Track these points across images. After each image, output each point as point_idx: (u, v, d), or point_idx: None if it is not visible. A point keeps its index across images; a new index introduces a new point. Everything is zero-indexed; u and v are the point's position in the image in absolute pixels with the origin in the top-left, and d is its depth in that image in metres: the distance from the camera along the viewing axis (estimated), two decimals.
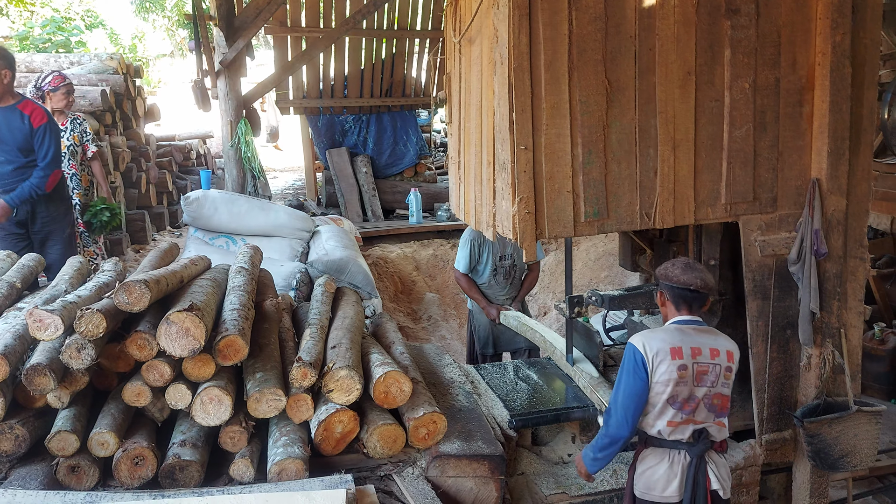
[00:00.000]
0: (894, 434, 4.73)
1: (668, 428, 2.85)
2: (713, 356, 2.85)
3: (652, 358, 2.83)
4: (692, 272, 2.92)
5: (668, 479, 2.86)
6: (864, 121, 3.44)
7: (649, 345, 2.86)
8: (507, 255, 5.01)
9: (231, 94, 7.34)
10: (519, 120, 3.05)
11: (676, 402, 2.83)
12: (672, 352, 2.81)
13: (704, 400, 2.85)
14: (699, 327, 2.94)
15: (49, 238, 5.14)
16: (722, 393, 2.87)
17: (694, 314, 2.96)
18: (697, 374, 2.83)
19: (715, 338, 2.92)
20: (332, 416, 3.10)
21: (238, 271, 3.81)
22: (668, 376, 2.81)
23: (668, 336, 2.88)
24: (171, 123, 12.63)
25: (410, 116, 9.95)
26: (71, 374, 3.01)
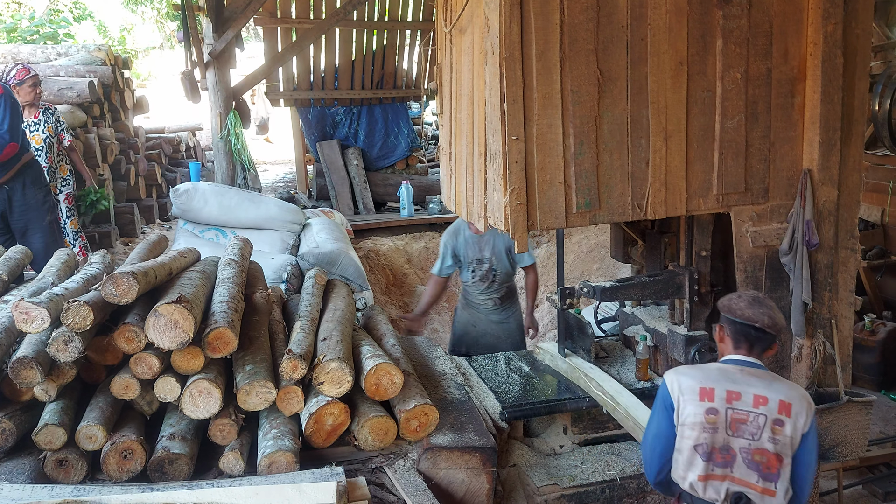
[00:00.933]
0: (884, 424, 4.76)
1: (700, 483, 2.47)
2: (757, 404, 2.44)
3: (678, 396, 2.51)
4: (760, 307, 2.56)
5: None
6: (855, 112, 3.44)
7: (679, 381, 2.54)
8: (485, 259, 4.83)
9: (220, 86, 7.28)
10: (510, 110, 3.03)
11: (705, 451, 2.46)
12: (701, 392, 2.47)
13: (742, 454, 2.44)
14: (752, 370, 2.54)
15: (29, 227, 5.09)
16: (767, 450, 2.42)
17: (753, 356, 2.58)
18: (732, 421, 2.44)
19: (769, 383, 2.49)
20: (323, 409, 3.08)
21: (227, 263, 3.78)
22: (694, 419, 2.46)
23: (702, 374, 2.54)
24: (160, 116, 12.53)
25: (402, 108, 9.90)
26: (58, 366, 2.98)
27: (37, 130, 5.93)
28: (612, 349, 4.37)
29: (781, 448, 2.43)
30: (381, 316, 4.30)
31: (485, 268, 4.83)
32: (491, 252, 4.80)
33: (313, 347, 3.31)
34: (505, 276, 4.92)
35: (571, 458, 3.69)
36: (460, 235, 4.89)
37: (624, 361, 4.19)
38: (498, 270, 4.85)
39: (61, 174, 6.29)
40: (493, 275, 4.85)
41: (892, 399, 5.27)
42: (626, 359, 4.22)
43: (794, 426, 2.44)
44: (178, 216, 6.04)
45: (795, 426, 2.44)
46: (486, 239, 4.77)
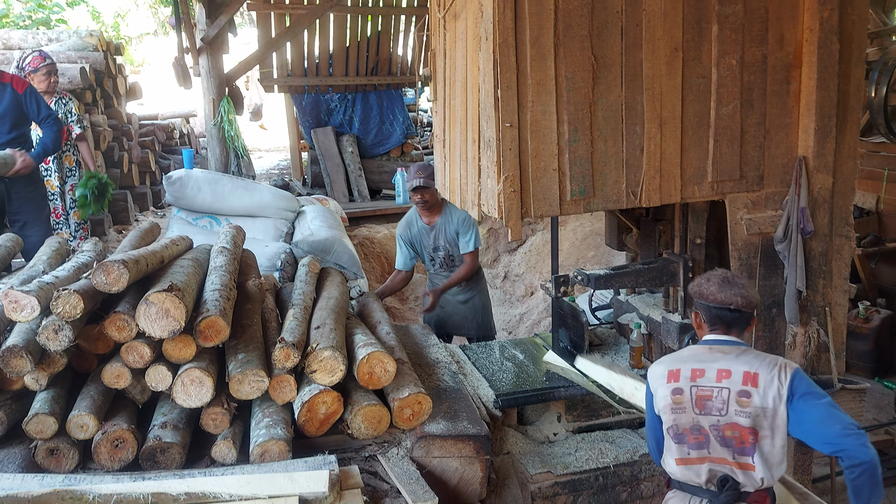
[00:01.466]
0: (878, 411, 4.78)
1: (678, 468, 2.45)
2: (720, 378, 2.38)
3: (653, 385, 2.52)
4: (731, 288, 2.47)
5: None
6: (851, 98, 3.42)
7: (653, 370, 2.54)
8: (440, 247, 4.87)
9: (213, 72, 7.23)
10: (504, 97, 3.01)
11: (678, 432, 2.43)
12: (668, 374, 2.46)
13: (713, 431, 2.38)
14: (722, 346, 2.48)
15: (29, 221, 5.06)
16: (738, 423, 2.35)
17: (732, 335, 2.51)
18: (697, 399, 2.40)
19: (735, 357, 2.42)
20: (316, 397, 3.07)
21: (220, 251, 3.76)
22: (664, 402, 2.46)
23: (672, 359, 2.53)
24: (154, 102, 12.44)
25: (397, 95, 9.85)
26: (48, 355, 2.96)
27: None
28: (606, 337, 4.37)
29: (754, 420, 2.34)
30: (376, 303, 4.29)
31: (441, 255, 4.90)
32: (444, 240, 4.84)
33: (306, 336, 3.29)
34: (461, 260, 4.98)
35: (565, 446, 3.69)
36: (413, 227, 4.94)
37: (618, 349, 4.19)
38: (455, 255, 4.90)
39: (67, 164, 6.25)
40: (451, 260, 4.91)
41: (885, 386, 5.29)
42: (621, 346, 4.22)
43: (765, 395, 2.34)
44: (171, 204, 6.01)
45: (766, 395, 2.34)
46: (437, 227, 4.83)
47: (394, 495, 2.86)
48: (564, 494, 3.46)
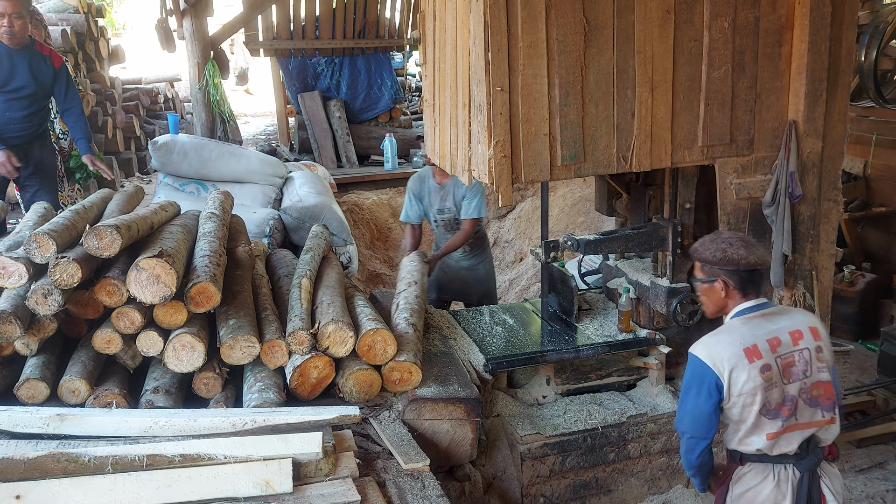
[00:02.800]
0: (860, 373, 4.87)
1: (769, 442, 2.34)
2: (796, 341, 2.32)
3: (727, 370, 2.32)
4: (756, 248, 2.41)
5: (776, 501, 2.36)
6: (842, 62, 3.42)
7: (719, 356, 2.33)
8: (446, 209, 4.84)
9: (197, 35, 7.10)
10: (495, 60, 2.98)
11: (769, 409, 2.31)
12: (747, 353, 2.30)
13: (802, 396, 2.33)
14: (770, 309, 2.42)
15: (41, 188, 5.05)
16: (821, 380, 2.33)
17: (760, 296, 2.44)
18: (784, 368, 2.31)
19: (790, 316, 2.41)
20: (308, 362, 3.09)
21: (208, 217, 3.74)
22: (753, 384, 2.29)
23: (735, 337, 2.35)
24: (137, 66, 12.22)
25: (385, 59, 9.71)
26: (38, 320, 2.96)
27: None
28: (596, 302, 4.40)
29: (830, 372, 2.36)
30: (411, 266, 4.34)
31: (446, 217, 4.89)
32: (452, 202, 4.82)
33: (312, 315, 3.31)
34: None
35: (554, 408, 3.75)
36: (424, 184, 4.93)
37: (607, 314, 4.22)
38: (459, 219, 4.87)
39: (60, 127, 6.15)
40: (455, 223, 4.88)
41: (868, 348, 5.38)
42: (610, 311, 4.25)
43: (828, 346, 2.38)
44: (157, 169, 5.94)
45: (828, 347, 2.38)
46: (447, 188, 4.80)
47: (386, 457, 2.90)
48: (553, 455, 3.52)
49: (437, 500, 2.64)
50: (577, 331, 4.01)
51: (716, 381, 2.32)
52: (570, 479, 3.61)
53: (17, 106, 4.77)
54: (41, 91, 4.89)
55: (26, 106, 4.83)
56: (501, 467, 3.58)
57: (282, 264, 4.08)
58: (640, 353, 3.95)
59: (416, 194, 4.95)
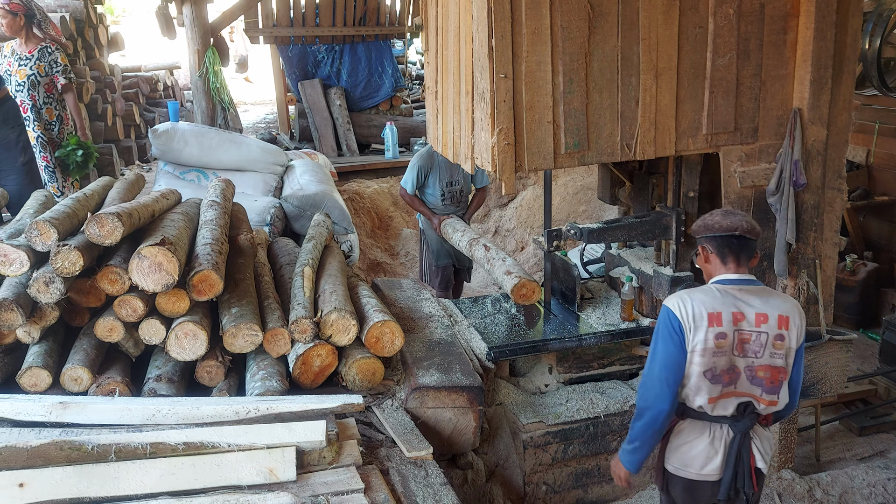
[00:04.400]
0: (861, 362, 4.87)
1: (709, 404, 2.49)
2: (759, 323, 2.45)
3: (689, 323, 2.45)
4: (734, 216, 2.53)
5: (708, 456, 2.52)
6: (847, 49, 3.39)
7: (686, 306, 2.47)
8: (455, 181, 5.11)
9: (197, 22, 7.06)
10: (498, 47, 2.95)
11: (714, 374, 2.46)
12: (710, 317, 2.43)
13: (746, 372, 2.48)
14: (749, 287, 2.51)
15: (2, 169, 4.95)
16: (770, 365, 2.46)
17: (742, 269, 2.53)
18: (739, 342, 2.45)
19: (766, 300, 2.49)
20: (311, 350, 3.09)
21: (210, 205, 3.72)
22: (704, 345, 2.43)
23: (707, 298, 2.48)
24: (136, 54, 12.15)
25: (385, 47, 9.66)
26: (40, 308, 2.95)
27: (24, 66, 5.69)
28: (598, 291, 4.39)
29: (784, 361, 2.48)
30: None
31: (456, 189, 5.15)
32: (460, 174, 5.09)
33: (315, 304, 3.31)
34: (468, 197, 5.36)
35: (556, 397, 3.75)
36: (435, 158, 5.07)
37: (609, 302, 4.22)
38: (465, 191, 5.23)
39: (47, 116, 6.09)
40: (462, 196, 5.20)
41: (869, 337, 5.38)
42: (612, 300, 4.25)
43: (791, 337, 2.48)
44: (157, 157, 5.92)
45: (792, 337, 2.48)
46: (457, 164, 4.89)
47: (389, 445, 2.90)
48: (556, 443, 3.52)
49: (440, 488, 2.65)
50: (579, 320, 4.00)
51: (680, 327, 2.46)
52: (572, 467, 3.61)
53: None
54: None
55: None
56: (504, 455, 3.58)
57: (283, 253, 4.07)
58: (642, 342, 3.95)
59: (425, 170, 5.09)
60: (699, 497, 2.59)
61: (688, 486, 2.58)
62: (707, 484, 2.55)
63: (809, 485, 3.65)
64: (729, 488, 2.51)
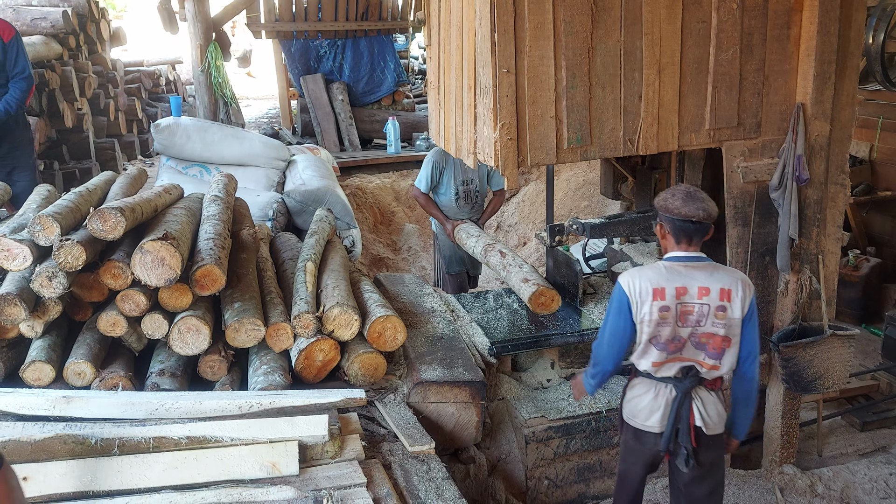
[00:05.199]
0: (864, 357, 4.87)
1: (653, 367, 2.78)
2: (701, 296, 2.69)
3: (636, 299, 2.73)
4: (694, 203, 2.72)
5: (651, 410, 2.81)
6: (851, 44, 3.38)
7: (634, 284, 2.74)
8: (469, 181, 5.00)
9: (199, 16, 7.05)
10: (501, 41, 2.94)
11: (659, 342, 2.73)
12: (654, 292, 2.70)
13: (691, 339, 2.73)
14: (695, 263, 2.75)
15: (16, 167, 4.98)
16: (714, 332, 2.71)
17: (693, 248, 2.77)
18: (681, 314, 2.70)
19: (710, 274, 2.73)
20: (313, 345, 3.09)
21: (212, 200, 3.73)
22: (650, 317, 2.71)
23: (654, 275, 2.74)
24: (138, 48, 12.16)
25: (388, 41, 9.64)
26: (43, 303, 2.95)
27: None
28: (600, 286, 4.39)
29: (727, 330, 2.71)
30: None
31: (471, 188, 5.02)
32: (475, 173, 4.97)
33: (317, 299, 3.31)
34: (483, 197, 5.18)
35: (558, 392, 3.75)
36: (450, 156, 4.88)
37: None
38: (480, 192, 5.07)
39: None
40: (476, 196, 5.06)
41: (872, 333, 5.38)
42: None
43: (734, 308, 2.70)
44: (160, 152, 5.93)
45: (735, 308, 2.70)
46: None
47: (391, 440, 2.91)
48: (558, 438, 3.53)
49: (442, 482, 2.65)
50: (581, 314, 4.00)
51: (628, 303, 2.75)
52: (574, 461, 3.62)
53: None
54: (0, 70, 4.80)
55: None
56: (506, 450, 3.59)
57: (286, 248, 4.08)
58: None
59: (440, 168, 4.98)
60: (644, 444, 2.87)
61: (635, 434, 2.89)
62: (650, 435, 2.83)
63: (811, 480, 3.65)
64: (668, 441, 2.78)
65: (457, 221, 4.99)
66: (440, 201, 5.09)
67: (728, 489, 3.58)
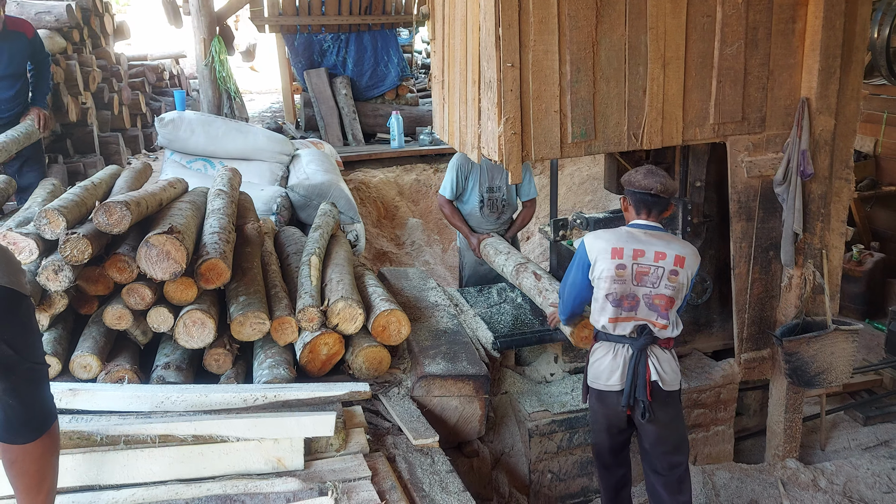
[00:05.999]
0: (867, 352, 4.87)
1: (610, 324, 2.97)
2: (657, 259, 2.92)
3: (595, 256, 2.97)
4: (653, 177, 2.95)
5: (612, 369, 3.00)
6: (856, 38, 3.37)
7: (594, 243, 2.99)
8: (496, 188, 4.60)
9: (203, 10, 7.04)
10: (505, 36, 2.95)
11: (615, 298, 2.94)
12: (613, 251, 2.93)
13: (644, 299, 2.95)
14: (654, 232, 2.99)
15: (27, 162, 5.00)
16: (665, 294, 2.94)
17: (652, 219, 3.01)
18: (637, 274, 2.93)
19: (667, 242, 2.96)
20: (318, 339, 3.10)
21: (217, 194, 3.73)
22: (607, 273, 2.93)
23: (614, 237, 2.98)
24: (142, 42, 12.15)
25: (391, 35, 9.62)
26: (49, 296, 2.97)
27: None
28: None
29: (675, 292, 2.95)
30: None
31: (496, 196, 4.63)
32: (503, 180, 4.59)
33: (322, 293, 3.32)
34: (511, 208, 4.77)
35: (562, 386, 3.76)
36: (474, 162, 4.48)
37: None
38: (507, 201, 4.68)
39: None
40: (502, 204, 4.67)
41: (875, 327, 5.38)
42: None
43: (686, 275, 2.95)
44: (164, 146, 5.93)
45: (685, 274, 2.95)
46: (500, 167, 4.56)
47: (395, 433, 2.92)
48: (561, 432, 3.54)
49: (446, 475, 2.67)
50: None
51: (586, 259, 3.01)
52: (577, 455, 3.63)
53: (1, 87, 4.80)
54: (21, 69, 4.91)
55: (9, 86, 4.85)
56: (509, 444, 3.60)
57: (290, 242, 4.09)
58: None
59: (464, 173, 4.60)
60: (607, 405, 3.06)
61: (599, 395, 3.09)
62: (612, 394, 3.03)
63: (814, 474, 3.66)
64: (628, 397, 2.98)
65: (483, 235, 4.56)
66: (463, 209, 4.68)
67: (731, 483, 3.59)
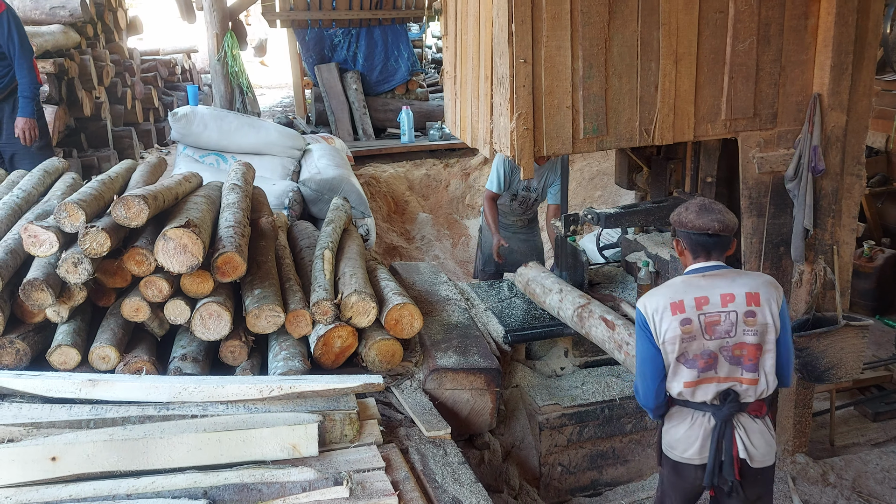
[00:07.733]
0: (877, 348, 4.87)
1: (687, 389, 2.55)
2: (725, 303, 2.51)
3: (652, 316, 2.55)
4: (708, 214, 2.57)
5: (688, 440, 2.60)
6: (869, 34, 3.36)
7: (649, 303, 2.58)
8: (532, 188, 4.82)
9: (216, 5, 7.08)
10: (518, 31, 2.96)
11: (687, 359, 2.53)
12: (672, 307, 2.52)
13: (723, 353, 2.53)
14: (714, 272, 2.58)
15: (17, 153, 4.98)
16: (745, 342, 2.51)
17: (713, 260, 2.61)
18: (707, 326, 2.51)
19: (732, 280, 2.56)
20: (332, 332, 3.14)
21: (231, 188, 3.78)
22: (672, 333, 2.51)
23: (669, 291, 2.58)
24: (154, 37, 12.22)
25: (402, 30, 9.65)
26: (68, 288, 3.02)
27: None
28: (614, 275, 4.42)
29: (759, 337, 2.52)
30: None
31: (531, 195, 4.88)
32: (538, 183, 4.82)
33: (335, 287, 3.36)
34: (537, 205, 5.08)
35: (572, 380, 3.79)
36: None
37: (625, 287, 4.24)
38: (538, 200, 4.96)
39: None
40: (533, 202, 4.96)
41: (885, 324, 5.37)
42: (628, 284, 4.27)
43: (765, 313, 2.52)
44: (177, 141, 5.99)
45: (765, 312, 2.52)
46: (543, 171, 4.74)
47: (408, 425, 2.96)
48: (571, 425, 3.57)
49: (458, 467, 2.70)
50: None
51: (645, 323, 2.57)
52: (587, 448, 3.66)
53: None
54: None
55: None
56: (520, 436, 3.64)
57: (303, 236, 4.13)
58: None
59: (507, 169, 4.75)
60: (684, 478, 2.67)
61: (674, 466, 2.69)
62: (690, 467, 2.63)
63: (823, 469, 3.67)
64: (712, 475, 2.57)
65: (502, 240, 4.77)
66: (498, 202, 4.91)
67: None
